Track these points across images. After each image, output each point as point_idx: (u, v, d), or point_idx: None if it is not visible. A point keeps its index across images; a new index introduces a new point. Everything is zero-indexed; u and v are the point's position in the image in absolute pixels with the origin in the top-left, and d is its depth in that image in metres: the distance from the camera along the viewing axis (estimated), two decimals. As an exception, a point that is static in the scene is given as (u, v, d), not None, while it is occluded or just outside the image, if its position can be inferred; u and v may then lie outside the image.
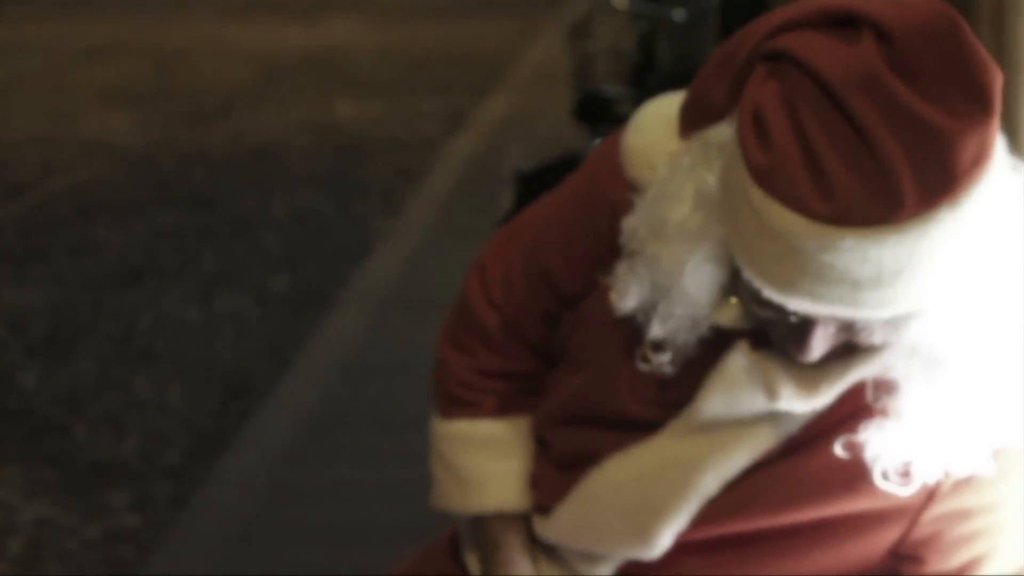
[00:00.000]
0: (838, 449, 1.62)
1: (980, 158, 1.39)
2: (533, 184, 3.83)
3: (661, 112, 1.68)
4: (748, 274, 1.47)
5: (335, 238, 6.75)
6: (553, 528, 1.85)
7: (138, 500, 4.18)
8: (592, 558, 1.84)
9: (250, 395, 4.89)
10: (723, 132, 1.52)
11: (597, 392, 1.78)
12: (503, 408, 1.89)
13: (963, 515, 1.66)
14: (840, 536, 1.70)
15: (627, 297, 1.63)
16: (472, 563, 1.94)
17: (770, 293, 1.46)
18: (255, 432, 4.57)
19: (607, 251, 1.70)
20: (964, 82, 1.39)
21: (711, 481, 1.71)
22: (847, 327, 1.50)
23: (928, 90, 1.37)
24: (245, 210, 7.24)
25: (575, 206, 1.77)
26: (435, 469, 1.93)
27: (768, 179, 1.40)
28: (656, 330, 1.63)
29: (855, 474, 1.63)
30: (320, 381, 4.96)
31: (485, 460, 1.88)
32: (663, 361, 1.65)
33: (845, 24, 1.42)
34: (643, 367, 1.68)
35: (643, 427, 1.74)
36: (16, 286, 6.10)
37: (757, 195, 1.41)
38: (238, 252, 6.53)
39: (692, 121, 1.58)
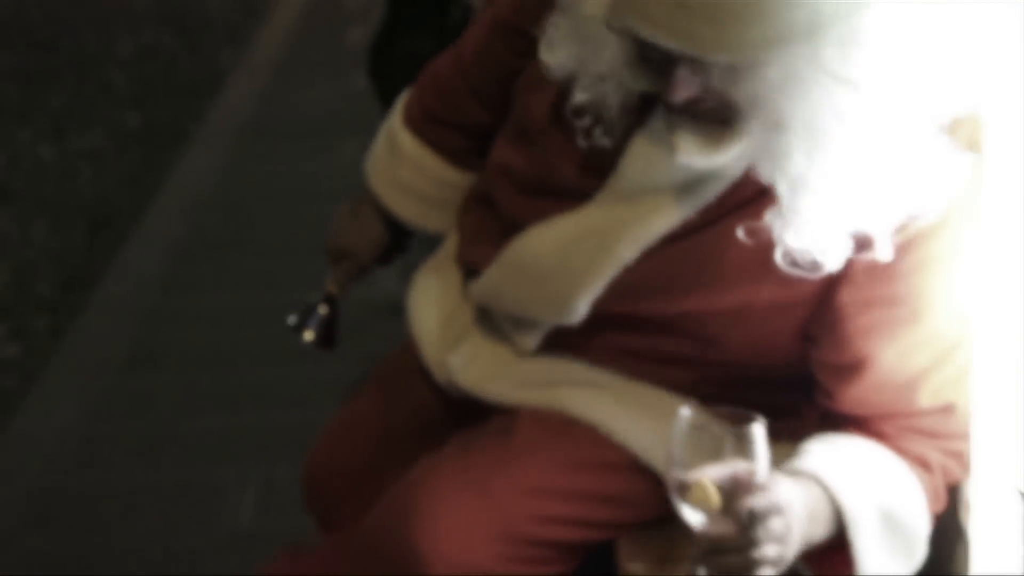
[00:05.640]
0: (740, 233, 1.70)
1: None
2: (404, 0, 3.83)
3: None
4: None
5: (183, 74, 6.67)
6: (480, 289, 1.96)
7: (15, 331, 4.17)
8: (521, 326, 1.94)
9: (115, 228, 4.87)
10: None
11: (541, 163, 1.88)
12: (456, 158, 2.16)
13: (867, 304, 1.73)
14: (753, 320, 1.79)
15: (555, 49, 1.76)
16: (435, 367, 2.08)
17: (612, 21, 1.59)
18: (126, 262, 4.57)
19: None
20: None
21: (628, 248, 1.80)
22: (699, 71, 1.58)
23: None
24: (88, 49, 7.10)
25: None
26: (378, 144, 2.28)
27: None
28: (580, 96, 1.74)
29: (761, 260, 1.70)
30: (185, 211, 4.96)
31: (422, 184, 2.22)
32: (594, 131, 1.76)
33: None
34: (582, 144, 1.77)
35: (583, 199, 1.84)
36: None
37: None
38: (86, 90, 6.43)
39: None
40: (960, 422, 1.79)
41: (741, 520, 1.58)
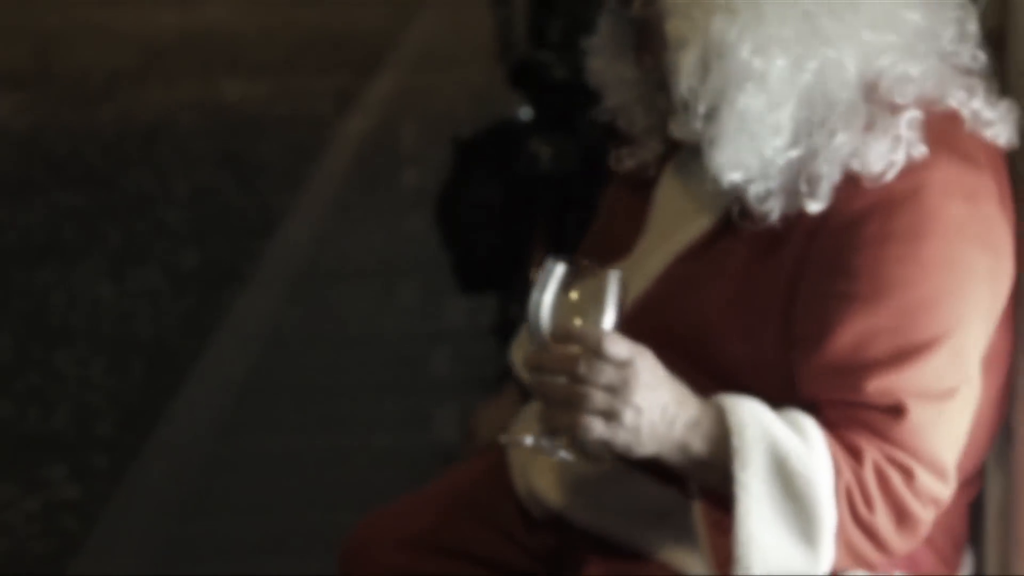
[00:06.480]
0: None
1: None
2: (472, 150, 3.88)
3: None
4: None
5: (238, 214, 6.76)
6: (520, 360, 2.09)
7: (75, 472, 4.17)
8: None
9: (174, 368, 4.89)
10: None
11: (602, 230, 2.08)
12: None
13: (828, 267, 1.73)
14: (752, 319, 1.79)
15: (594, 54, 1.96)
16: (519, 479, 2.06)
17: None
18: (185, 404, 4.59)
19: None
20: None
21: (655, 261, 1.88)
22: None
23: None
24: (144, 189, 7.22)
25: None
26: None
27: None
28: (608, 100, 1.95)
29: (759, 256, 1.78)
30: (243, 353, 4.99)
31: None
32: (620, 153, 1.97)
33: None
34: (619, 168, 1.98)
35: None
36: (-82, 268, 6.04)
37: None
38: (143, 229, 6.51)
39: None
40: (913, 434, 1.72)
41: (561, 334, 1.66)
